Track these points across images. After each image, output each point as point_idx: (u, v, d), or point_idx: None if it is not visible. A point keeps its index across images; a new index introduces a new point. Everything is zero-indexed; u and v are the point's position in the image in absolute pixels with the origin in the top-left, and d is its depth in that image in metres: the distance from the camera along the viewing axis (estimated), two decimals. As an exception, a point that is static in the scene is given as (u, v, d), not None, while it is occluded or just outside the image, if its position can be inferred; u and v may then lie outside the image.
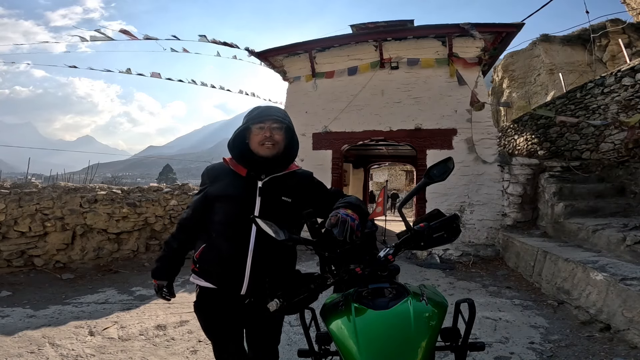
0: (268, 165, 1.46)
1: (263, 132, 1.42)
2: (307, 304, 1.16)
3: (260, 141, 1.43)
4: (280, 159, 1.48)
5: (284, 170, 1.50)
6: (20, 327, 3.05)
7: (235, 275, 1.43)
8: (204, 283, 1.49)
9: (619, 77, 5.79)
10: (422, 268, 5.52)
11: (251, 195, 1.45)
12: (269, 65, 7.47)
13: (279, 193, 1.46)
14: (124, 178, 34.75)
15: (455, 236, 1.24)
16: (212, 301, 1.49)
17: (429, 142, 6.39)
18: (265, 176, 1.47)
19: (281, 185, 1.48)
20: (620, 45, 9.13)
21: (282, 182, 1.49)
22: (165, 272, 1.60)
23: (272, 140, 1.42)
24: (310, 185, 1.57)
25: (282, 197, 1.46)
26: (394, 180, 27.65)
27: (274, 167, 1.47)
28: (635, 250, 3.54)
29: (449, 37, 6.30)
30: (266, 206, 1.44)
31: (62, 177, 7.48)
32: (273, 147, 1.43)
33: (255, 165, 1.46)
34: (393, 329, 0.98)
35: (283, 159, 1.49)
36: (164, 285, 1.59)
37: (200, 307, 1.54)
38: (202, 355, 2.69)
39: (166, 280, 1.60)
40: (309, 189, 1.55)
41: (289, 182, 1.50)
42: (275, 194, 1.46)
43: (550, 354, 2.66)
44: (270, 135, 1.42)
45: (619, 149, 5.71)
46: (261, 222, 1.20)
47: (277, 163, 1.47)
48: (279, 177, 1.49)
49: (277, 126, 1.44)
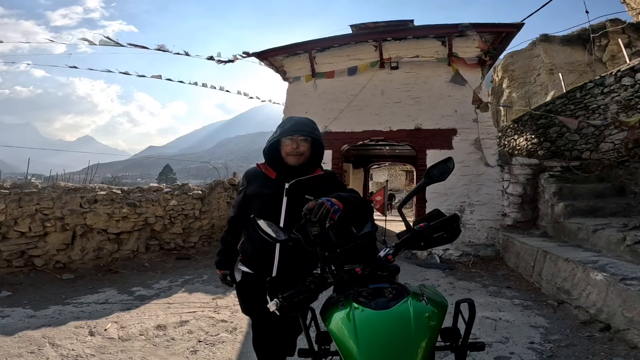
0: (295, 171, 1.70)
1: (291, 144, 1.66)
2: (307, 304, 1.16)
3: (288, 152, 1.67)
4: (305, 166, 1.72)
5: (309, 174, 1.73)
6: (20, 327, 3.05)
7: (266, 262, 1.69)
8: (245, 268, 1.79)
9: (618, 77, 5.79)
10: (422, 268, 5.52)
11: (279, 194, 1.70)
12: (269, 66, 7.46)
13: (303, 192, 1.68)
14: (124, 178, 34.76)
15: (455, 236, 1.25)
16: (249, 284, 1.79)
17: (429, 142, 6.38)
18: (291, 179, 1.71)
19: (305, 186, 1.70)
20: (620, 45, 9.12)
21: (306, 184, 1.71)
22: (226, 263, 1.94)
23: (298, 152, 1.66)
24: (330, 183, 1.75)
25: (306, 195, 1.66)
26: (394, 180, 27.65)
27: (300, 172, 1.71)
28: (635, 250, 3.54)
29: (448, 37, 6.30)
30: (291, 204, 1.67)
31: (62, 177, 7.48)
32: (299, 157, 1.67)
33: (284, 170, 1.72)
34: (393, 329, 0.98)
35: (309, 165, 1.73)
36: (227, 273, 1.94)
37: (239, 288, 1.86)
38: (202, 355, 2.69)
39: (228, 269, 1.94)
40: (329, 186, 1.69)
41: (312, 184, 1.72)
42: (300, 194, 1.68)
43: (550, 354, 2.66)
44: (297, 147, 1.65)
45: (619, 149, 5.71)
46: (261, 222, 1.21)
47: (303, 169, 1.71)
48: (304, 180, 1.72)
49: (303, 138, 1.66)
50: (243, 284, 1.84)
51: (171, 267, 5.38)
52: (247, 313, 1.90)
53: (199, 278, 4.88)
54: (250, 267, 1.77)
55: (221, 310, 3.66)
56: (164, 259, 5.56)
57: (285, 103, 7.32)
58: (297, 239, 1.22)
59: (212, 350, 2.77)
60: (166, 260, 5.57)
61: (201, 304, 3.83)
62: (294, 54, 7.12)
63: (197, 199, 6.30)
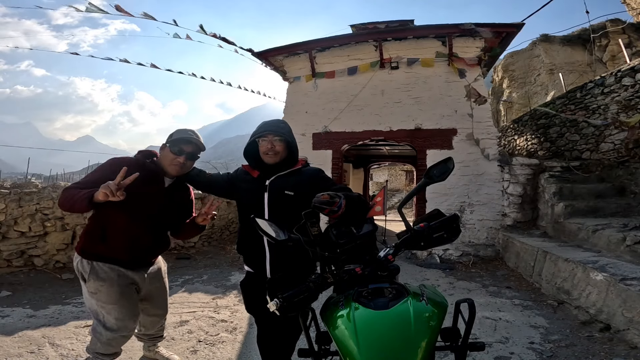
0: (273, 168, 1.79)
1: (266, 144, 1.75)
2: (307, 304, 1.16)
3: (264, 152, 1.76)
4: (284, 162, 1.80)
5: (288, 169, 1.81)
6: (20, 327, 3.05)
7: (259, 259, 1.77)
8: (247, 268, 1.87)
9: (619, 77, 5.79)
10: (422, 268, 5.52)
11: (261, 191, 1.78)
12: (269, 65, 7.46)
13: (283, 188, 1.75)
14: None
15: (455, 236, 1.25)
16: (250, 282, 1.86)
17: (429, 142, 6.38)
18: (271, 176, 1.79)
19: (285, 182, 1.77)
20: (620, 45, 9.13)
21: (285, 180, 1.78)
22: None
23: (274, 150, 1.74)
24: (314, 179, 1.81)
25: (285, 191, 1.74)
26: (394, 180, 27.64)
27: (279, 168, 1.79)
28: (635, 250, 3.54)
29: (449, 37, 6.30)
30: (272, 199, 1.75)
31: (62, 177, 7.48)
32: (275, 156, 1.76)
33: (264, 169, 1.82)
34: (393, 329, 0.98)
35: (287, 161, 1.81)
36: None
37: (242, 285, 1.93)
38: (202, 355, 2.69)
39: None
40: (313, 182, 1.77)
41: (291, 179, 1.79)
42: (280, 189, 1.75)
43: (550, 354, 2.66)
44: (272, 146, 1.74)
45: (619, 149, 5.71)
46: (261, 222, 1.21)
47: (282, 165, 1.79)
48: (283, 176, 1.79)
49: (277, 138, 1.75)
50: (245, 282, 1.91)
51: (171, 267, 5.38)
52: (250, 311, 1.94)
53: (199, 278, 4.88)
54: (250, 265, 1.86)
55: (221, 310, 3.66)
56: (164, 259, 5.56)
57: (286, 103, 7.32)
58: (297, 239, 1.22)
59: (212, 350, 2.77)
60: (166, 260, 5.56)
61: (201, 304, 3.83)
62: (294, 53, 7.12)
63: (197, 199, 6.30)
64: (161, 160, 1.97)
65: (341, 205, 1.40)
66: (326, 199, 1.38)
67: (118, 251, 1.86)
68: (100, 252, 1.85)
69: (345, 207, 1.43)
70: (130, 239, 1.87)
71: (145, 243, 1.95)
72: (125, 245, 1.86)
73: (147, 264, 2.09)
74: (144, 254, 2.02)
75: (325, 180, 1.83)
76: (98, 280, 1.82)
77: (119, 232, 1.84)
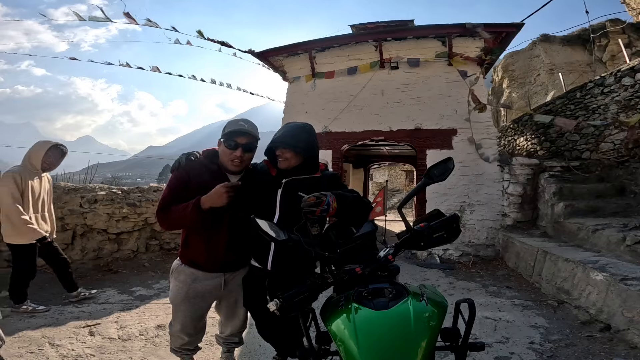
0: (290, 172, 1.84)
1: (278, 152, 1.82)
2: (307, 304, 1.16)
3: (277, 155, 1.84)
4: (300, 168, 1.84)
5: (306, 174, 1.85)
6: (20, 327, 3.05)
7: (263, 253, 1.82)
8: (254, 263, 1.92)
9: (618, 77, 5.78)
10: (422, 268, 5.51)
11: (276, 188, 1.83)
12: (269, 66, 7.46)
13: (297, 189, 1.77)
14: (124, 178, 34.75)
15: (455, 236, 1.25)
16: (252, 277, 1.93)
17: (429, 142, 6.38)
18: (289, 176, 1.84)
19: (301, 183, 1.81)
20: (620, 45, 9.12)
21: (302, 182, 1.83)
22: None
23: (283, 157, 1.80)
24: (330, 183, 1.85)
25: (299, 192, 1.74)
26: (394, 180, 27.62)
27: (297, 172, 1.83)
28: (635, 250, 3.54)
29: (449, 37, 6.30)
30: (285, 197, 1.80)
31: (62, 177, 7.47)
32: (285, 162, 1.81)
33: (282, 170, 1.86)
34: (393, 329, 0.98)
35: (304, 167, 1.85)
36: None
37: (243, 280, 1.97)
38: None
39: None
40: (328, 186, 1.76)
41: (308, 181, 1.83)
42: (294, 189, 1.78)
43: (550, 354, 2.66)
44: (282, 154, 1.80)
45: (619, 149, 5.71)
46: (261, 222, 1.21)
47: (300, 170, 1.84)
48: (300, 179, 1.84)
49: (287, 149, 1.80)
50: (247, 277, 1.96)
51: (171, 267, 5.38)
52: (246, 306, 2.00)
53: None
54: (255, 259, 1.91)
55: (221, 310, 3.66)
56: (164, 259, 5.55)
57: (286, 103, 7.32)
58: (297, 239, 1.22)
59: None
60: (166, 260, 5.55)
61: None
62: (294, 54, 7.12)
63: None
64: (221, 158, 1.90)
65: (329, 202, 1.43)
66: (313, 201, 1.42)
67: (197, 255, 1.92)
68: (185, 256, 1.96)
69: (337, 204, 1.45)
70: (205, 242, 1.89)
71: (220, 245, 1.90)
72: (201, 249, 1.90)
73: (228, 267, 1.98)
74: (222, 256, 1.93)
75: (340, 187, 1.84)
76: (174, 281, 1.98)
77: (196, 237, 1.91)
